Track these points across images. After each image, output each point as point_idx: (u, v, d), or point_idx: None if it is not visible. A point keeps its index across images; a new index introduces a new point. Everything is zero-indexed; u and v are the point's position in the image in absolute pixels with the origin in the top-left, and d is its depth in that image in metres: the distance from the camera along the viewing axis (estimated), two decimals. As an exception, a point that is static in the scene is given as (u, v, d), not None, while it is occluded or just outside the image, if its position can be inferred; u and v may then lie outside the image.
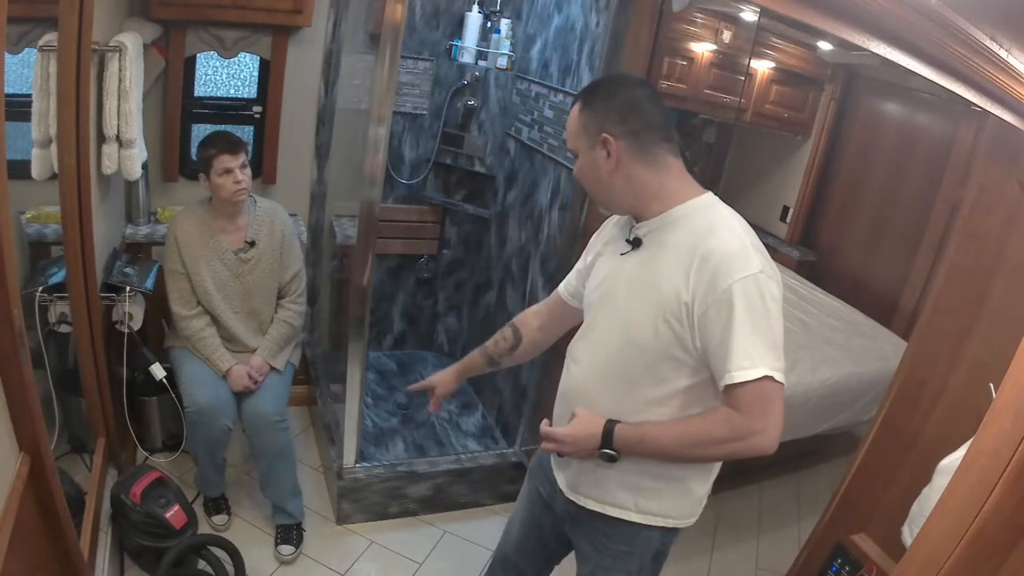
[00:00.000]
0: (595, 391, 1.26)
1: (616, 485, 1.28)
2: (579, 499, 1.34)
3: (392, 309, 3.39)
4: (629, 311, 1.20)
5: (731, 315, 1.06)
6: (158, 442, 2.44)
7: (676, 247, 1.15)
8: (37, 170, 1.74)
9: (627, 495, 1.28)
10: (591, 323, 1.30)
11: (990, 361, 1.48)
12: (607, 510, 1.31)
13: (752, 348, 1.06)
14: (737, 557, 2.53)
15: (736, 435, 1.10)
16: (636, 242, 1.23)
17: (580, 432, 1.21)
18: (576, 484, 1.35)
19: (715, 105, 3.05)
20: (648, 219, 1.21)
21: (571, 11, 2.47)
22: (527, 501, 1.55)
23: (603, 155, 1.17)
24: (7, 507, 1.14)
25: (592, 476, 1.30)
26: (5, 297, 1.10)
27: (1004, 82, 1.12)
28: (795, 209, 4.09)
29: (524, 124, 2.79)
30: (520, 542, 1.59)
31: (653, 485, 1.27)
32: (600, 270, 1.33)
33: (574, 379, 1.31)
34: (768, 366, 1.06)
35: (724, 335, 1.07)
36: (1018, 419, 0.91)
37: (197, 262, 2.10)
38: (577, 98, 1.22)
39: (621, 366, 1.22)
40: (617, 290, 1.24)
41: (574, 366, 1.32)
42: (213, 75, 2.66)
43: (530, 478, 1.55)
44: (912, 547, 1.10)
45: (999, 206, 1.51)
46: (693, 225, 1.16)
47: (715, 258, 1.09)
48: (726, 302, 1.07)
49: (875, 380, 2.70)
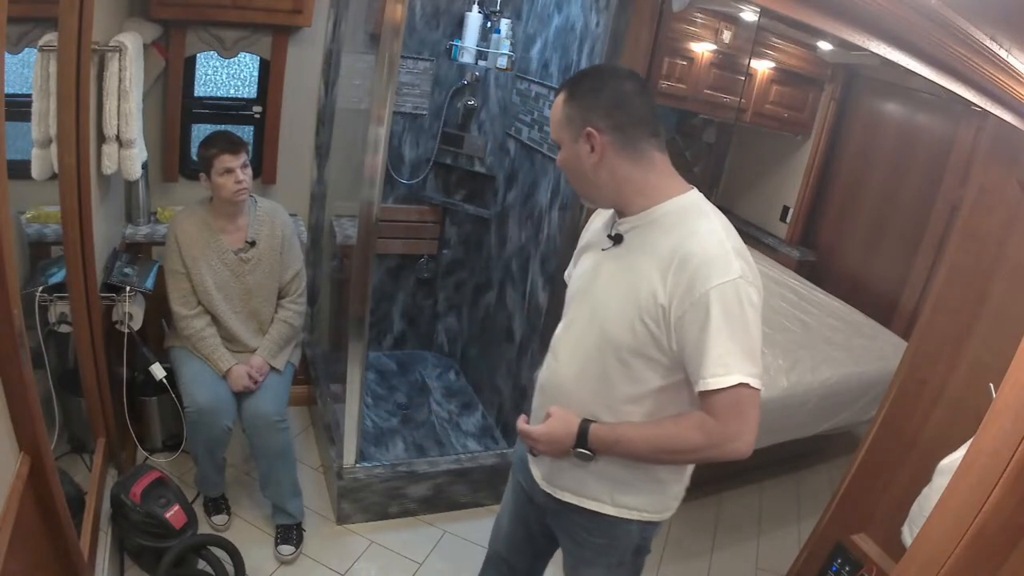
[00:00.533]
0: (572, 386, 1.26)
1: (592, 477, 1.28)
2: (555, 491, 1.35)
3: (392, 309, 3.39)
4: (608, 308, 1.20)
5: (707, 321, 1.06)
6: (158, 442, 2.44)
7: (656, 247, 1.14)
8: (37, 170, 1.74)
9: (602, 488, 1.29)
10: (572, 318, 1.30)
11: (990, 361, 1.48)
12: (584, 503, 1.31)
13: (728, 355, 1.05)
14: (737, 557, 2.53)
15: (711, 442, 1.10)
16: (618, 238, 1.22)
17: (555, 431, 1.22)
18: (551, 476, 1.35)
19: (715, 105, 3.05)
20: (630, 215, 1.19)
21: (571, 11, 2.47)
22: (512, 496, 1.55)
23: (587, 149, 1.15)
24: (7, 507, 1.14)
25: (567, 469, 1.30)
26: (5, 297, 1.10)
27: (1004, 82, 1.12)
28: (795, 209, 4.09)
29: (524, 124, 2.79)
30: (509, 538, 1.59)
31: (628, 478, 1.27)
32: (583, 264, 1.32)
33: (552, 373, 1.31)
34: (744, 373, 1.06)
35: (700, 341, 1.07)
36: (1018, 419, 0.91)
37: (197, 262, 2.10)
38: (562, 88, 1.19)
39: (598, 363, 1.21)
40: (597, 286, 1.24)
41: (553, 360, 1.32)
42: (213, 75, 2.66)
43: (513, 473, 1.56)
44: (912, 547, 1.10)
45: (999, 206, 1.52)
46: (675, 224, 1.15)
47: (694, 261, 1.08)
48: (703, 307, 1.06)
49: (875, 380, 2.70)
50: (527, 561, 1.60)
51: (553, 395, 1.29)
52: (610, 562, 1.37)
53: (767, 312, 1.21)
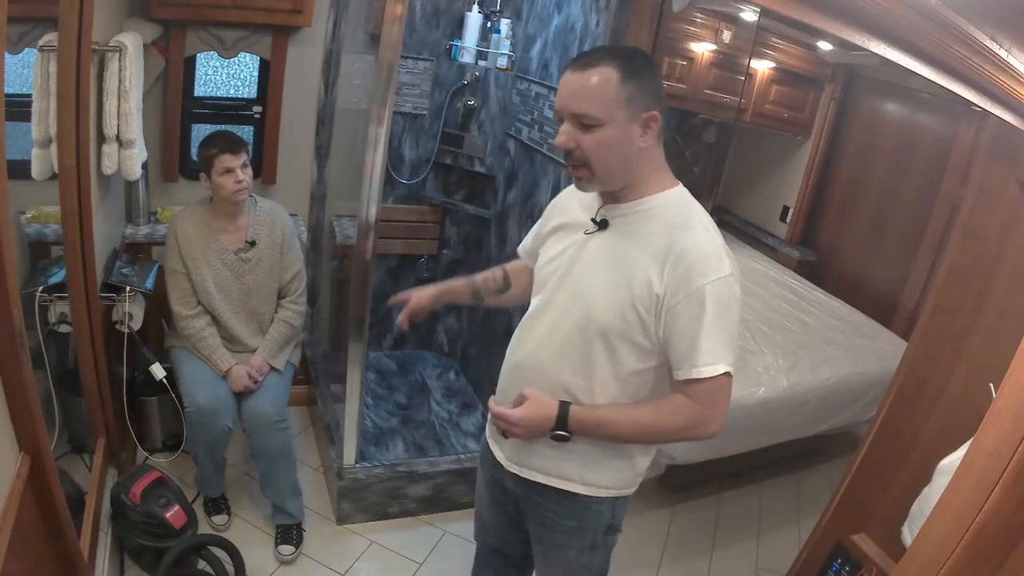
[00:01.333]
0: (550, 367, 1.25)
1: (560, 455, 1.28)
2: (522, 471, 1.34)
3: (392, 309, 3.38)
4: (594, 292, 1.20)
5: (702, 314, 1.11)
6: (158, 442, 2.44)
7: (650, 237, 1.17)
8: (37, 170, 1.74)
9: (571, 467, 1.29)
10: (548, 299, 1.28)
11: (990, 361, 1.48)
12: (552, 482, 1.32)
13: (718, 347, 1.12)
14: (737, 557, 2.53)
15: (690, 424, 1.16)
16: (603, 223, 1.22)
17: (535, 414, 1.21)
18: (517, 455, 1.35)
19: (715, 105, 3.05)
20: (623, 203, 1.20)
21: (571, 11, 2.47)
22: (486, 489, 1.54)
23: (639, 131, 1.13)
24: (7, 507, 1.14)
25: (536, 448, 1.30)
26: (5, 297, 1.10)
27: (1004, 82, 1.12)
28: (795, 209, 4.09)
29: (524, 124, 2.79)
30: (495, 528, 1.58)
31: (598, 456, 1.28)
32: (555, 246, 1.31)
33: (528, 354, 1.30)
34: (727, 363, 1.13)
35: (693, 332, 1.12)
36: (1018, 419, 0.91)
37: (197, 262, 2.10)
38: (606, 62, 1.10)
39: (580, 345, 1.22)
40: (578, 269, 1.24)
41: (526, 340, 1.31)
42: (213, 75, 2.66)
43: (482, 465, 1.54)
44: (912, 547, 1.10)
45: (999, 206, 1.52)
46: (668, 217, 1.18)
47: (691, 256, 1.12)
48: (698, 301, 1.11)
49: (875, 380, 2.70)
50: (519, 547, 1.58)
51: (527, 376, 1.28)
52: (582, 544, 1.37)
53: (767, 312, 1.23)
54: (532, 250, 1.45)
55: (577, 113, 1.12)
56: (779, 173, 4.21)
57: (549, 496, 1.33)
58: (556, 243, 1.31)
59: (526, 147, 2.77)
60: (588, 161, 1.14)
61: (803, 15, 1.22)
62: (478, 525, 1.64)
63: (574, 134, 1.13)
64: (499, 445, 1.40)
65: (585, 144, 1.13)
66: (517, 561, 1.62)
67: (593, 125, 1.11)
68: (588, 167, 1.15)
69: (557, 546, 1.39)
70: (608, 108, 1.10)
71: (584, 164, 1.15)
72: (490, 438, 1.45)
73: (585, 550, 1.38)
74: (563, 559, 1.41)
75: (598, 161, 1.14)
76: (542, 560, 1.46)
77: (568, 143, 1.14)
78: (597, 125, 1.11)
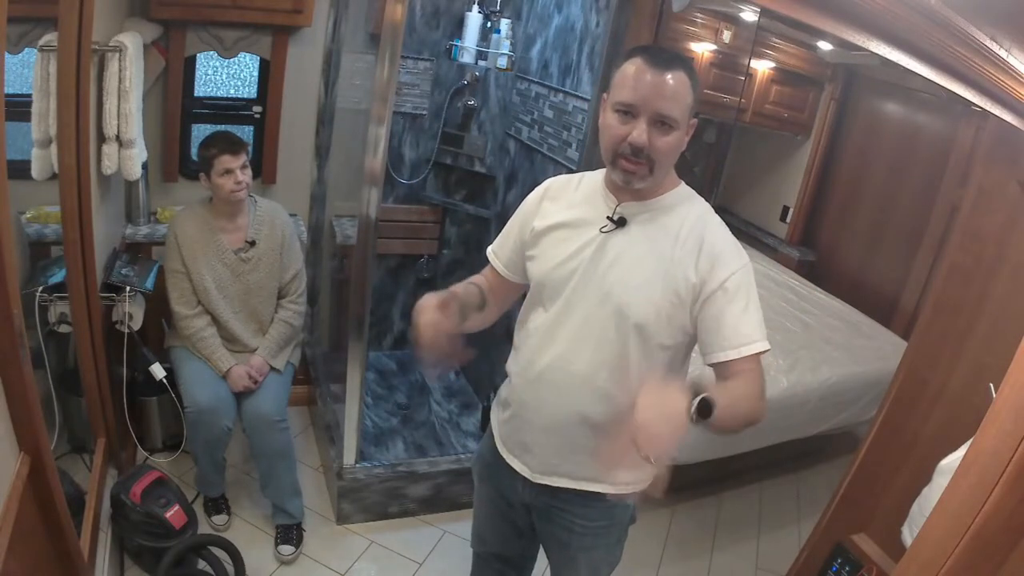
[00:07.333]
0: (584, 371, 1.22)
1: (591, 458, 1.26)
2: (551, 480, 1.32)
3: (392, 309, 3.39)
4: (626, 289, 1.19)
5: (736, 297, 1.16)
6: (158, 442, 2.44)
7: (675, 231, 1.20)
8: (37, 170, 1.74)
9: (599, 468, 1.28)
10: (570, 301, 1.23)
11: (990, 361, 1.48)
12: (581, 485, 1.30)
13: (759, 325, 1.17)
14: (737, 557, 2.53)
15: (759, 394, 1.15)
16: (621, 221, 1.22)
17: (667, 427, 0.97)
18: (546, 467, 1.32)
19: (715, 105, 3.05)
20: (646, 199, 1.21)
21: (571, 11, 2.47)
22: (488, 503, 1.51)
23: (686, 136, 1.17)
24: (7, 507, 1.14)
25: (567, 455, 1.29)
26: (5, 297, 1.10)
27: (1004, 82, 1.12)
28: (795, 209, 4.09)
29: (524, 124, 2.79)
30: (496, 538, 1.57)
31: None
32: (560, 246, 1.26)
33: (556, 361, 1.25)
34: (765, 341, 1.17)
35: (736, 314, 1.15)
36: (1018, 419, 0.91)
37: (197, 262, 2.10)
38: (679, 65, 1.12)
39: (616, 343, 1.20)
40: (603, 268, 1.21)
41: (554, 347, 1.25)
42: (213, 75, 2.66)
43: (482, 482, 1.51)
44: (912, 547, 1.10)
45: (999, 206, 1.52)
46: (688, 212, 1.22)
47: (719, 247, 1.18)
48: (732, 287, 1.16)
49: (875, 380, 2.70)
50: (520, 550, 1.58)
51: (557, 384, 1.25)
52: (609, 541, 1.39)
53: (767, 312, 1.23)
54: (514, 258, 1.38)
55: (664, 114, 1.12)
56: (779, 173, 4.21)
57: (576, 502, 1.32)
58: (560, 244, 1.26)
59: (526, 147, 2.77)
60: (654, 160, 1.14)
61: (803, 15, 1.22)
62: (477, 538, 1.62)
63: (649, 133, 1.13)
64: (519, 458, 1.36)
65: (657, 144, 1.13)
66: (517, 563, 1.62)
67: (671, 127, 1.13)
68: (650, 165, 1.15)
69: (585, 548, 1.38)
70: (684, 112, 1.14)
71: (647, 162, 1.14)
72: (505, 451, 1.39)
73: (612, 546, 1.40)
74: (589, 559, 1.41)
75: (663, 161, 1.16)
76: (566, 565, 1.44)
77: (645, 141, 1.13)
78: (674, 127, 1.13)
